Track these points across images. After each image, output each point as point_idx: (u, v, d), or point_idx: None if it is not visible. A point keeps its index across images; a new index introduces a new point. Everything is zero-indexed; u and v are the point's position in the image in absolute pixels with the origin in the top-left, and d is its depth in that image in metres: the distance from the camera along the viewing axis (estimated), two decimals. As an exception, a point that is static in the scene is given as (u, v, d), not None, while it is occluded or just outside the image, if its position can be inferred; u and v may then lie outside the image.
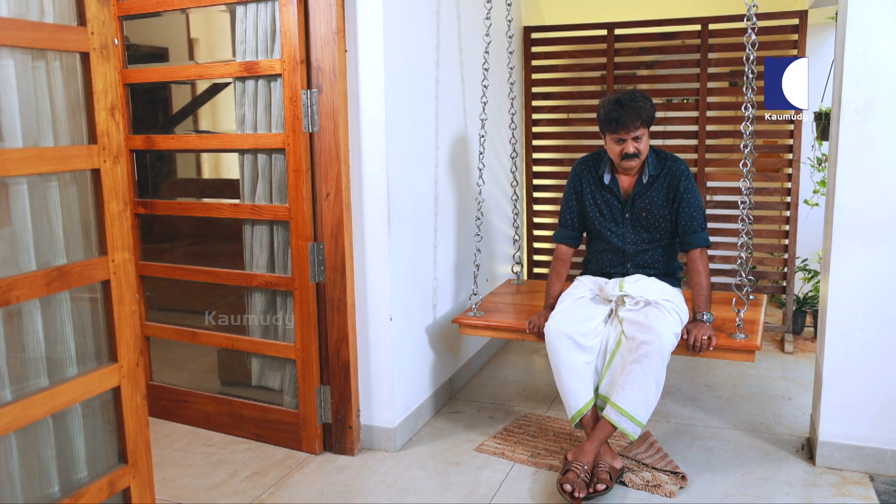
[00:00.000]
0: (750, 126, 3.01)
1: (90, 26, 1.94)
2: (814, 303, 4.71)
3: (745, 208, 3.05)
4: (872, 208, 2.89)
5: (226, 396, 3.54)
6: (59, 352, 1.99)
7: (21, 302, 1.84)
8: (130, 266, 2.10)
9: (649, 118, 3.04)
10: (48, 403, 1.89)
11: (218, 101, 4.12)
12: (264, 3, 3.09)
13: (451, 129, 3.78)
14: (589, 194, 3.22)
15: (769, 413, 3.62)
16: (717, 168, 4.73)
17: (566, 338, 2.96)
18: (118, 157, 2.04)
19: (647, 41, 4.79)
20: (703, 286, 3.04)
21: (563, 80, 5.08)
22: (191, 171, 4.72)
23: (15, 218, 1.87)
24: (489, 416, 3.65)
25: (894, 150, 2.84)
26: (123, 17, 3.45)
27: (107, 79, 1.99)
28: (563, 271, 3.31)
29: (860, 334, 2.96)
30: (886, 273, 2.90)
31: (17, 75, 1.85)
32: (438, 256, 3.70)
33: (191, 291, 3.87)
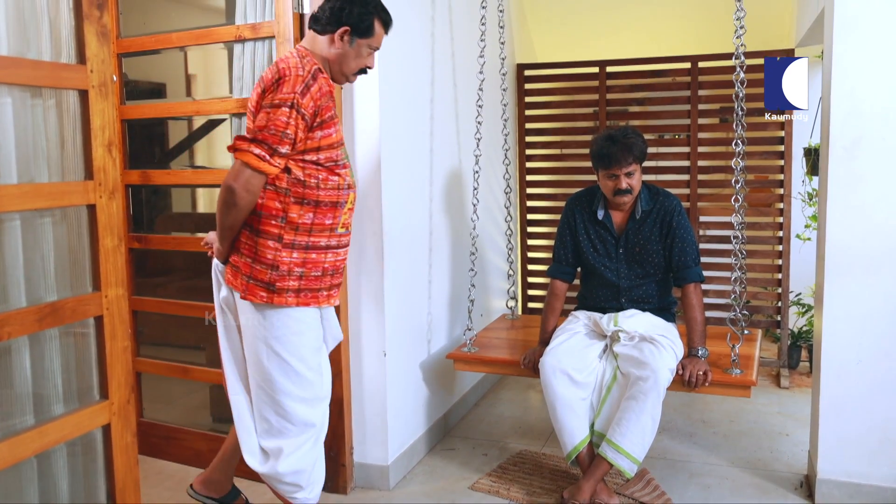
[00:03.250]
0: (741, 161, 3.04)
1: (90, 64, 1.96)
2: (808, 337, 4.71)
3: (738, 243, 3.07)
4: (864, 243, 2.90)
5: (217, 433, 3.50)
6: (49, 388, 1.97)
7: (11, 339, 1.83)
8: (124, 302, 2.09)
9: (641, 154, 3.07)
10: (37, 442, 1.87)
11: (214, 136, 4.13)
12: (261, 41, 3.12)
13: (446, 165, 3.80)
14: (583, 230, 3.23)
15: (767, 449, 3.60)
16: (709, 203, 4.76)
17: (561, 373, 2.96)
18: (114, 192, 2.05)
19: (639, 78, 4.85)
20: (698, 321, 3.05)
21: (556, 116, 5.13)
22: (186, 205, 4.72)
23: (7, 254, 1.87)
24: (484, 454, 3.62)
25: (883, 186, 2.87)
26: (122, 55, 3.48)
27: (105, 116, 2.01)
28: (558, 306, 3.31)
29: (856, 369, 2.96)
30: (880, 308, 2.91)
31: (15, 112, 1.86)
32: (433, 291, 3.70)
33: (184, 326, 3.85)
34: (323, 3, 2.43)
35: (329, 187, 2.37)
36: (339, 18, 2.37)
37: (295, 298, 2.37)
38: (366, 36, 2.42)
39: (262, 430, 2.49)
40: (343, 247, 2.49)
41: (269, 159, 2.23)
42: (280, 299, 2.36)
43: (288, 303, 2.36)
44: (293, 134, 2.24)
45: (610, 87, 4.89)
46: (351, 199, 2.46)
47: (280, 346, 2.39)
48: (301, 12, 3.02)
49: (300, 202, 2.33)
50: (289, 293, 2.36)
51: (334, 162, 2.38)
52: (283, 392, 2.42)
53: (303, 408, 2.45)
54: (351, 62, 2.43)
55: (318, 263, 2.40)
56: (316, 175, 2.34)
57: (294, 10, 2.99)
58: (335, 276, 2.48)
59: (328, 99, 2.33)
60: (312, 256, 2.38)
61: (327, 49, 2.40)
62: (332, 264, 2.45)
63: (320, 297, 2.44)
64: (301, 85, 2.24)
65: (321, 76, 2.33)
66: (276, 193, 2.32)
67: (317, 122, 2.30)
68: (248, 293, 2.36)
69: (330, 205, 2.38)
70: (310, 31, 2.45)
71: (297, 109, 2.23)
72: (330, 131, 2.35)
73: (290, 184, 2.32)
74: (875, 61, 2.83)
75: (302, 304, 2.39)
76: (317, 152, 2.33)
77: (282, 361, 2.40)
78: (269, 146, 2.23)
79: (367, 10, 2.39)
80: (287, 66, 2.28)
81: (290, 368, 2.41)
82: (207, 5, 4.99)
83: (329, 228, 2.40)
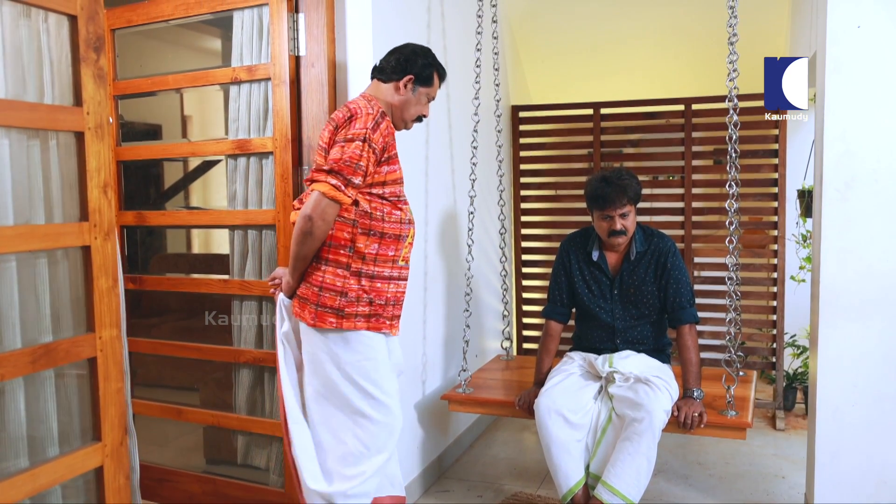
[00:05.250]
0: (735, 203, 3.06)
1: (86, 106, 1.98)
2: (804, 379, 4.70)
3: (733, 284, 3.08)
4: (858, 285, 2.91)
5: (211, 475, 3.47)
6: (42, 430, 1.96)
7: (5, 381, 1.82)
8: (118, 343, 2.09)
9: (636, 195, 3.09)
10: (29, 484, 1.85)
11: (209, 177, 4.15)
12: (257, 83, 3.15)
13: (441, 205, 3.82)
14: (577, 270, 3.24)
15: (763, 492, 3.57)
16: (704, 244, 4.78)
17: (556, 414, 2.94)
18: (109, 233, 2.06)
19: (633, 120, 4.89)
20: (693, 362, 3.04)
21: (551, 157, 5.16)
22: (181, 245, 4.73)
23: (3, 295, 1.87)
24: (479, 496, 3.59)
25: (877, 227, 2.88)
26: (118, 97, 3.51)
27: (100, 157, 2.02)
28: (553, 347, 3.30)
29: (851, 411, 2.95)
30: (875, 349, 2.91)
31: (12, 154, 1.87)
32: (427, 332, 3.69)
33: (177, 367, 3.83)
34: (387, 55, 2.68)
35: (393, 220, 2.55)
36: (405, 68, 2.63)
37: (365, 323, 2.53)
38: (426, 85, 2.68)
39: (338, 457, 2.58)
40: (403, 279, 2.64)
41: (344, 189, 2.42)
42: (349, 323, 2.51)
43: (357, 327, 2.52)
44: (365, 166, 2.44)
45: (604, 128, 4.93)
46: (411, 233, 2.64)
47: (353, 370, 2.53)
48: (297, 55, 3.06)
49: (367, 233, 2.51)
50: (358, 318, 2.52)
51: (397, 197, 2.58)
52: (360, 414, 2.55)
53: (379, 430, 2.58)
54: (412, 108, 2.68)
55: (382, 293, 2.56)
56: (381, 208, 2.53)
57: (290, 53, 3.03)
58: (396, 307, 2.63)
59: (393, 138, 2.56)
60: (378, 285, 2.55)
61: (392, 96, 2.64)
62: (394, 294, 2.61)
63: (385, 325, 2.59)
64: (372, 122, 2.46)
65: (386, 118, 2.55)
66: (345, 224, 2.50)
67: (384, 158, 2.51)
68: (318, 320, 2.50)
69: (393, 237, 2.56)
70: (374, 81, 2.69)
71: (368, 143, 2.44)
72: (395, 167, 2.56)
73: (357, 215, 2.50)
74: (867, 104, 2.87)
75: (372, 329, 2.55)
76: (382, 186, 2.54)
77: (356, 386, 2.54)
78: (343, 177, 2.41)
79: (428, 62, 2.68)
80: (357, 106, 2.52)
81: (366, 392, 2.54)
82: (203, 48, 5.05)
83: (392, 260, 2.57)
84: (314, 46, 3.04)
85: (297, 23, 3.05)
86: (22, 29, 1.92)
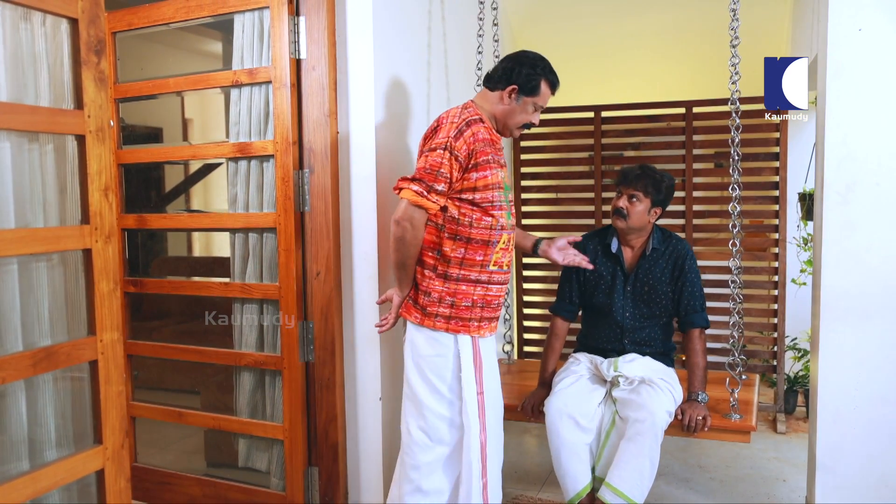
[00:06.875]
0: (737, 206, 3.06)
1: (87, 110, 1.98)
2: (805, 382, 4.70)
3: (736, 287, 3.07)
4: (858, 289, 2.91)
5: (211, 478, 3.46)
6: (43, 433, 1.96)
7: (6, 383, 1.82)
8: (119, 346, 2.09)
9: (655, 191, 3.08)
10: (30, 487, 1.85)
11: (210, 180, 4.15)
12: (258, 86, 3.16)
13: (442, 209, 3.81)
14: (593, 260, 3.21)
15: (764, 495, 3.56)
16: (705, 247, 4.77)
17: (568, 417, 2.93)
18: (110, 237, 2.06)
19: (634, 123, 4.90)
20: (700, 367, 3.04)
21: (552, 160, 5.16)
22: (182, 248, 4.73)
23: (4, 298, 1.87)
24: (480, 499, 3.58)
25: (877, 231, 2.88)
26: (119, 100, 3.51)
27: (101, 160, 2.02)
28: (559, 347, 3.29)
29: (852, 415, 2.94)
30: (876, 353, 2.90)
31: (13, 157, 1.87)
32: (428, 335, 3.68)
33: (178, 370, 3.82)
34: (498, 63, 2.75)
35: (481, 226, 2.62)
36: (509, 78, 2.67)
37: (445, 324, 2.64)
38: (532, 94, 2.70)
39: (404, 444, 2.75)
40: (495, 283, 2.71)
41: (427, 195, 2.53)
42: (429, 322, 2.64)
43: (436, 326, 2.64)
44: (448, 173, 2.54)
45: (605, 131, 4.93)
46: (504, 239, 2.69)
47: (425, 363, 2.66)
48: (298, 58, 3.06)
49: (453, 238, 2.62)
50: (438, 318, 2.64)
51: (490, 203, 2.62)
52: (426, 406, 2.67)
53: (442, 425, 2.68)
54: (516, 117, 2.73)
55: (467, 295, 2.65)
56: (470, 214, 2.60)
57: (291, 56, 3.04)
58: (485, 310, 2.70)
59: (485, 145, 2.60)
60: (462, 288, 2.64)
61: (496, 104, 2.71)
62: (482, 297, 2.68)
63: (471, 327, 2.67)
64: (455, 130, 2.55)
65: (478, 124, 2.61)
66: (434, 228, 2.63)
67: (471, 164, 2.57)
68: (405, 310, 2.70)
69: (481, 242, 2.63)
70: (484, 88, 2.76)
71: (450, 151, 2.53)
72: (485, 173, 2.59)
73: (445, 220, 2.62)
74: (868, 107, 2.86)
75: (452, 331, 2.65)
76: (473, 192, 2.60)
77: (426, 379, 2.66)
78: (426, 184, 2.53)
79: (534, 72, 2.68)
80: (446, 115, 2.64)
81: (433, 386, 2.66)
82: (204, 51, 5.05)
83: (480, 264, 2.65)
84: (315, 49, 3.04)
85: (297, 26, 3.05)
86: (23, 32, 1.92)
